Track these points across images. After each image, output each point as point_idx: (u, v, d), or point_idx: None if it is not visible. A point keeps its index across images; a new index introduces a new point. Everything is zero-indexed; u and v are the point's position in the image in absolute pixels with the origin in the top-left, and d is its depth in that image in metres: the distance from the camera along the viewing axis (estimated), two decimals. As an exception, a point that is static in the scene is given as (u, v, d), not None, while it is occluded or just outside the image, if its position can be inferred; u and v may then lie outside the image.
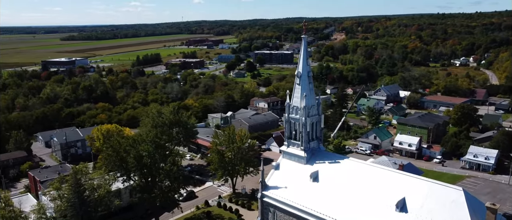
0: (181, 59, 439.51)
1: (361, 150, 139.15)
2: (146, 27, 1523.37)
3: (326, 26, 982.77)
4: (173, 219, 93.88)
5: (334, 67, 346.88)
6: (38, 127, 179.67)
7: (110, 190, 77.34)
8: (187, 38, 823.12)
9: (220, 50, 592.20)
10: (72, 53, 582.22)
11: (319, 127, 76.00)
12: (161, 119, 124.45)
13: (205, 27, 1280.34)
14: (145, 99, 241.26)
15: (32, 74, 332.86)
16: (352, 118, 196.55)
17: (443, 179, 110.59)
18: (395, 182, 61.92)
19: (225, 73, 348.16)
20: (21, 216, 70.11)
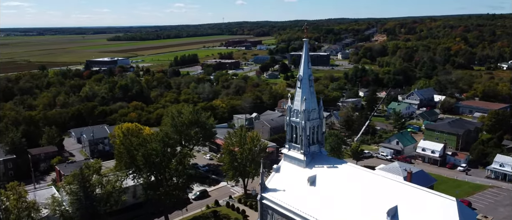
0: (217, 60, 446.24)
1: (381, 155, 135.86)
2: (189, 28, 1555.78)
3: (368, 27, 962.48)
4: (181, 217, 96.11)
5: (370, 70, 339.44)
6: (72, 123, 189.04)
7: (118, 186, 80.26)
8: (227, 39, 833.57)
9: (258, 51, 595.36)
10: (116, 53, 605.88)
11: (320, 130, 75.39)
12: (180, 118, 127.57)
13: (245, 28, 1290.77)
14: (177, 99, 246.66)
15: (75, 73, 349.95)
16: (381, 122, 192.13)
17: (463, 188, 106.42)
18: (389, 189, 60.75)
19: (258, 74, 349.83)
20: (34, 208, 74.41)
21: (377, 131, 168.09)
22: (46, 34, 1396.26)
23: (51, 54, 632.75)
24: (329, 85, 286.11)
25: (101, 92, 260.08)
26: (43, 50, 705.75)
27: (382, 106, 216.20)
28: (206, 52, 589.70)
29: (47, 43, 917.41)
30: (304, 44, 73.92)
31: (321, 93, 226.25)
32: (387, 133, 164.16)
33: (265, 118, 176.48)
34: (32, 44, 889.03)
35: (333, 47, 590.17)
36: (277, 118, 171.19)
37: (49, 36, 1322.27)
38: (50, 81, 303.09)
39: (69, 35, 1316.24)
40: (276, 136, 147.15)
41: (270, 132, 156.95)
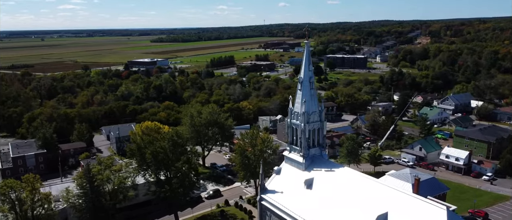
0: (252, 62, 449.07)
1: (403, 161, 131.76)
2: (230, 29, 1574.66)
3: (412, 29, 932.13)
4: (190, 216, 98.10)
5: (407, 73, 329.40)
6: (105, 121, 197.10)
7: (126, 182, 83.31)
8: (266, 41, 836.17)
9: (295, 54, 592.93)
10: (157, 54, 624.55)
11: (321, 133, 74.70)
12: (199, 119, 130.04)
13: (286, 30, 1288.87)
14: (208, 100, 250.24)
15: (114, 73, 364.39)
16: (410, 127, 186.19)
17: (483, 198, 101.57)
18: (383, 195, 59.62)
19: (291, 77, 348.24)
20: (47, 200, 78.74)
21: (403, 136, 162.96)
22: (95, 36, 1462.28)
23: (97, 54, 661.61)
24: (362, 88, 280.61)
25: (136, 92, 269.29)
26: (90, 51, 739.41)
27: (414, 111, 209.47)
28: (244, 54, 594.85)
29: (95, 44, 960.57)
30: (305, 46, 73.49)
31: (350, 97, 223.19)
32: (413, 139, 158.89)
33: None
34: (81, 45, 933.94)
35: (372, 50, 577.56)
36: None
37: (98, 37, 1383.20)
38: (91, 80, 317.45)
39: (116, 37, 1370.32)
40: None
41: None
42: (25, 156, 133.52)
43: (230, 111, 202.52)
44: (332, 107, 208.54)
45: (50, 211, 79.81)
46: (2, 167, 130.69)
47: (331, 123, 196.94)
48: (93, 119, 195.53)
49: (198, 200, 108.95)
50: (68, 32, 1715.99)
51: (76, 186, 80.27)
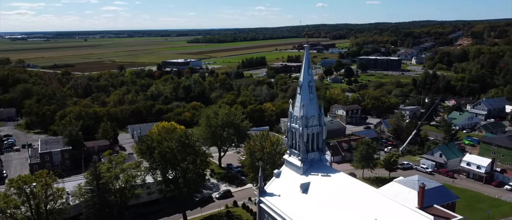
0: (283, 63, 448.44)
1: (421, 167, 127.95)
2: (267, 30, 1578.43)
3: (453, 30, 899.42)
4: (198, 215, 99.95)
5: (441, 76, 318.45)
6: (132, 120, 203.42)
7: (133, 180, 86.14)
8: (300, 42, 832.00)
9: (328, 55, 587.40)
10: (191, 55, 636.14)
11: (321, 138, 74.20)
12: (215, 120, 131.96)
13: (322, 31, 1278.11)
14: (234, 101, 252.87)
15: (147, 73, 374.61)
16: (437, 132, 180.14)
17: (501, 208, 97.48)
18: (373, 203, 59.15)
19: (321, 78, 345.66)
20: (59, 195, 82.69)
21: (427, 141, 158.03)
22: (135, 36, 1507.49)
23: (134, 55, 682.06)
24: (392, 91, 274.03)
25: (165, 92, 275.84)
26: (128, 51, 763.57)
27: (443, 115, 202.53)
28: (277, 55, 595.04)
29: (134, 45, 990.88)
30: (305, 50, 73.23)
31: (377, 100, 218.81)
32: (437, 144, 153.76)
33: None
34: (121, 46, 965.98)
35: (408, 52, 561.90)
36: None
37: (137, 38, 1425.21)
38: (124, 80, 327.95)
39: (155, 37, 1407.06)
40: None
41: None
42: (52, 152, 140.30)
43: (253, 112, 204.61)
44: (357, 110, 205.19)
45: (62, 205, 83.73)
46: (30, 162, 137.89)
47: (354, 126, 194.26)
48: (121, 117, 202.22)
49: (209, 200, 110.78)
50: (110, 33, 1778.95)
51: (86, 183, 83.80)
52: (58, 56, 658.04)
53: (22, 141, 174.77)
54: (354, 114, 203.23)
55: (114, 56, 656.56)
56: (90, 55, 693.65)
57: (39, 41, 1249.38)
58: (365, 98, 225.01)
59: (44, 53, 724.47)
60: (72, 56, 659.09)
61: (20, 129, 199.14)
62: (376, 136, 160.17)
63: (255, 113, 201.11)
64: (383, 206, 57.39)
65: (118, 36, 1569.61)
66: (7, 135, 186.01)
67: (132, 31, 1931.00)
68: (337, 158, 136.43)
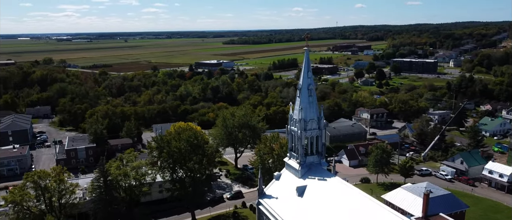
0: (314, 65, 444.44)
1: (441, 174, 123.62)
2: (303, 32, 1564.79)
3: (497, 31, 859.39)
4: (207, 215, 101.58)
5: (478, 79, 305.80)
6: (159, 119, 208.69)
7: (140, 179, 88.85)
8: (335, 44, 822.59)
9: (363, 57, 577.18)
10: (225, 56, 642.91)
11: (320, 141, 73.79)
12: (232, 121, 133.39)
13: (359, 32, 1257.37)
14: (261, 102, 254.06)
15: (179, 73, 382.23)
16: (465, 138, 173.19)
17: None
18: (364, 209, 58.61)
19: (351, 81, 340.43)
20: (71, 189, 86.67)
21: (452, 147, 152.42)
22: (173, 37, 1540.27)
23: (170, 55, 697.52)
24: (424, 94, 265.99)
25: (194, 92, 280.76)
26: (165, 52, 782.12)
27: (473, 120, 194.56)
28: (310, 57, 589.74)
29: (171, 46, 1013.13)
30: (305, 53, 73.20)
31: (405, 104, 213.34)
32: (463, 151, 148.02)
33: (334, 125, 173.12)
34: (158, 46, 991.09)
35: (447, 54, 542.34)
36: (342, 127, 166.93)
37: (175, 39, 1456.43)
38: (156, 80, 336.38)
39: (192, 38, 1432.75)
40: (329, 145, 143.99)
41: (329, 139, 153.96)
42: (77, 148, 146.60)
43: (276, 114, 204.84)
44: (382, 114, 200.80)
45: (74, 200, 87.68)
46: (57, 158, 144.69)
47: (379, 130, 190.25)
48: (148, 117, 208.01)
49: (220, 200, 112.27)
50: (150, 34, 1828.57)
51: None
52: (98, 57, 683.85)
53: (54, 137, 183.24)
54: (379, 117, 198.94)
55: (151, 57, 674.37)
56: (128, 56, 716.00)
57: (83, 42, 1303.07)
58: (393, 102, 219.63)
59: (85, 54, 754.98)
60: (111, 57, 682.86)
61: (53, 126, 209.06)
62: (400, 141, 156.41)
63: (277, 115, 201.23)
64: (373, 213, 56.60)
65: (157, 37, 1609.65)
66: (41, 131, 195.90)
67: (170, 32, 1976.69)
68: (354, 162, 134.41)
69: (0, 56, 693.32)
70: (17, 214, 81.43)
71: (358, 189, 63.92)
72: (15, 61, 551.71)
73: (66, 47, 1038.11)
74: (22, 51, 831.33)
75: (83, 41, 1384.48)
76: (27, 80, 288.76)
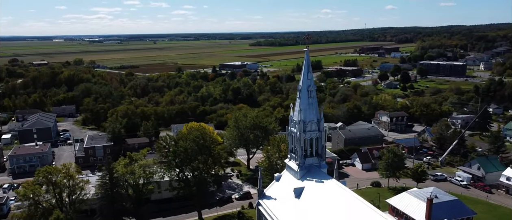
0: (338, 67, 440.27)
1: (456, 180, 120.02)
2: (331, 33, 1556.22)
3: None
4: (213, 214, 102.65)
5: (508, 83, 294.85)
6: (178, 119, 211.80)
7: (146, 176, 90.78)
8: (361, 46, 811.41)
9: (389, 59, 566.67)
10: (250, 58, 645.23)
11: (320, 143, 73.42)
12: (244, 122, 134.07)
13: (388, 34, 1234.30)
14: (280, 104, 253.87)
15: (202, 75, 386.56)
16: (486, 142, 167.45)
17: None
18: (356, 212, 57.86)
19: (374, 83, 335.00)
20: (79, 186, 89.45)
21: (472, 152, 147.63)
22: (201, 39, 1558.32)
23: (197, 57, 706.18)
24: (449, 98, 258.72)
25: (215, 93, 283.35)
26: (191, 53, 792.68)
27: (498, 125, 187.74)
28: (335, 59, 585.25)
29: (198, 47, 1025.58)
30: (305, 54, 73.09)
31: (426, 107, 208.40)
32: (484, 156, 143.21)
33: (350, 128, 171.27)
34: (185, 48, 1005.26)
35: (478, 57, 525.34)
36: (358, 129, 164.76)
37: (203, 40, 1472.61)
38: (179, 81, 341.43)
39: (219, 40, 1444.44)
40: (343, 148, 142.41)
41: (344, 142, 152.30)
42: (95, 147, 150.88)
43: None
44: (402, 117, 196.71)
45: (83, 196, 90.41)
46: (76, 155, 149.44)
47: (398, 134, 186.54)
48: (167, 117, 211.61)
49: (228, 200, 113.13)
50: (178, 36, 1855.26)
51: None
52: (127, 58, 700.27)
53: (77, 135, 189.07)
54: (399, 121, 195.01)
55: (177, 58, 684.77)
56: (156, 57, 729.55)
57: (113, 44, 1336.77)
58: (414, 105, 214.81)
59: (115, 55, 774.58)
60: (139, 58, 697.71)
61: (77, 125, 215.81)
62: (418, 145, 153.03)
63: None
64: (363, 216, 55.94)
65: (185, 39, 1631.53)
66: (65, 129, 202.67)
67: (199, 34, 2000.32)
68: (367, 165, 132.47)
69: (35, 57, 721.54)
70: (29, 208, 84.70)
71: (352, 192, 63.29)
72: (47, 61, 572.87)
73: (97, 48, 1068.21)
74: (56, 52, 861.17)
75: (114, 42, 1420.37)
76: (55, 80, 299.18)
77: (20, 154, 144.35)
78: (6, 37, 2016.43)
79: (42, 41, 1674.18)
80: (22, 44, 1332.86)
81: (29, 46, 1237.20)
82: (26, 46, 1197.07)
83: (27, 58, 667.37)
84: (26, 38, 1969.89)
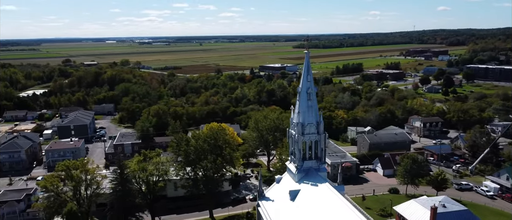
0: (379, 70, 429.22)
1: (481, 190, 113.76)
2: (378, 36, 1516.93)
3: None
4: (225, 213, 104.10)
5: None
6: (209, 120, 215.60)
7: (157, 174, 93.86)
8: (408, 48, 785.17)
9: (436, 62, 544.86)
10: (292, 60, 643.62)
11: (319, 146, 72.80)
12: (264, 123, 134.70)
13: (438, 37, 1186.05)
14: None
15: (239, 76, 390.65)
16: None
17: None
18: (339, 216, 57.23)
19: (415, 87, 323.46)
20: (95, 180, 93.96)
21: (506, 161, 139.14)
22: (246, 41, 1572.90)
23: (239, 59, 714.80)
24: (494, 104, 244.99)
25: (250, 95, 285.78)
26: (234, 55, 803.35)
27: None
28: (378, 62, 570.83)
29: (242, 49, 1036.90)
30: (305, 56, 72.92)
31: (464, 113, 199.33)
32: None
33: (376, 133, 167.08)
34: (230, 50, 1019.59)
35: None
36: (384, 134, 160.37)
37: (248, 42, 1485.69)
38: (216, 83, 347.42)
39: (264, 42, 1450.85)
40: (365, 153, 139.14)
41: (368, 147, 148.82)
42: (124, 144, 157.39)
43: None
44: (437, 123, 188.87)
45: (100, 191, 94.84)
46: (106, 152, 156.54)
47: (430, 140, 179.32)
48: (198, 117, 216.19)
49: (242, 200, 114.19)
50: (224, 38, 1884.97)
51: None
52: (172, 59, 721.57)
53: (112, 133, 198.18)
54: (433, 126, 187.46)
55: (220, 60, 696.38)
56: (199, 58, 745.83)
57: (161, 45, 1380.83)
58: (451, 110, 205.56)
59: (161, 56, 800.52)
60: (183, 59, 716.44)
61: (114, 123, 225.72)
62: (439, 152, 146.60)
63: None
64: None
65: (231, 41, 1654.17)
66: (102, 127, 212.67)
67: (244, 36, 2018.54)
68: (388, 171, 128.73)
69: (87, 57, 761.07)
70: (48, 199, 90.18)
71: (341, 197, 62.10)
72: (97, 62, 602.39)
73: (146, 50, 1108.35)
74: (107, 53, 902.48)
75: (162, 44, 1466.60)
76: (98, 80, 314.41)
77: (55, 148, 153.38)
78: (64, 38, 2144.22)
79: (96, 42, 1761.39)
80: (77, 46, 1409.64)
81: (83, 47, 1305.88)
82: (80, 48, 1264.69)
83: (80, 58, 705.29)
84: (81, 40, 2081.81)
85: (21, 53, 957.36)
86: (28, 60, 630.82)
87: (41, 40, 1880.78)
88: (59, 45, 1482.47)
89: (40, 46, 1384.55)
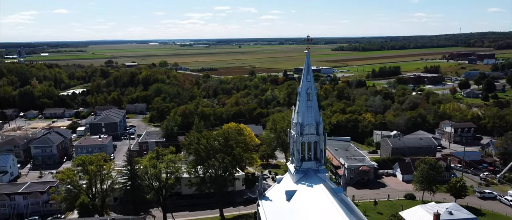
0: (416, 74, 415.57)
1: (505, 199, 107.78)
2: (422, 39, 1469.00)
3: None
4: (235, 213, 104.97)
5: None
6: (235, 120, 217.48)
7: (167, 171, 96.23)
8: (452, 52, 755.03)
9: (480, 66, 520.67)
10: (328, 63, 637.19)
11: (319, 147, 72.30)
12: (282, 124, 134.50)
13: (487, 40, 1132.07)
14: (343, 110, 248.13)
15: (272, 78, 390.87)
16: None
17: None
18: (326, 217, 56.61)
19: (453, 92, 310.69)
20: (109, 175, 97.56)
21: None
22: (285, 44, 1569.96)
23: (276, 61, 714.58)
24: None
25: (280, 97, 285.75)
26: (271, 57, 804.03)
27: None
28: (418, 65, 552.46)
29: (280, 51, 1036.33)
30: (306, 57, 72.77)
31: (500, 119, 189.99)
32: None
33: (401, 137, 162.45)
34: (267, 52, 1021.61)
35: None
36: (408, 139, 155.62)
37: (287, 45, 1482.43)
38: (248, 84, 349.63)
39: (302, 45, 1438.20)
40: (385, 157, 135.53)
41: (391, 151, 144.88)
42: (148, 142, 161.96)
43: (347, 122, 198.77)
44: (469, 129, 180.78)
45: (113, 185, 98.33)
46: (131, 149, 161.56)
47: (461, 146, 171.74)
48: (225, 117, 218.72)
49: (254, 200, 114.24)
50: (264, 40, 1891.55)
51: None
52: (209, 61, 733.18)
53: (141, 131, 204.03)
54: (465, 132, 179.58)
55: (256, 62, 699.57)
56: (236, 60, 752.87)
57: (201, 47, 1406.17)
58: (486, 116, 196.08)
59: (199, 58, 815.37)
60: (220, 61, 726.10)
61: (144, 122, 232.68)
62: (465, 158, 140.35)
63: (349, 122, 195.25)
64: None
65: (270, 43, 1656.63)
66: (132, 125, 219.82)
67: (284, 38, 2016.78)
68: (408, 176, 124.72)
69: (129, 59, 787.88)
70: (67, 191, 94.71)
71: (333, 198, 61.15)
72: (138, 63, 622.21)
73: (186, 52, 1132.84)
74: (149, 55, 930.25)
75: (202, 46, 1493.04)
76: (134, 80, 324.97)
77: (84, 144, 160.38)
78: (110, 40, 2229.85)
79: (139, 44, 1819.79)
80: (121, 48, 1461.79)
81: (127, 49, 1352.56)
82: (124, 49, 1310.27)
83: (121, 60, 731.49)
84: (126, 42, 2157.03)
85: (69, 54, 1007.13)
86: (74, 61, 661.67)
87: (89, 42, 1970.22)
88: (105, 47, 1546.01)
89: (87, 47, 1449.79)
